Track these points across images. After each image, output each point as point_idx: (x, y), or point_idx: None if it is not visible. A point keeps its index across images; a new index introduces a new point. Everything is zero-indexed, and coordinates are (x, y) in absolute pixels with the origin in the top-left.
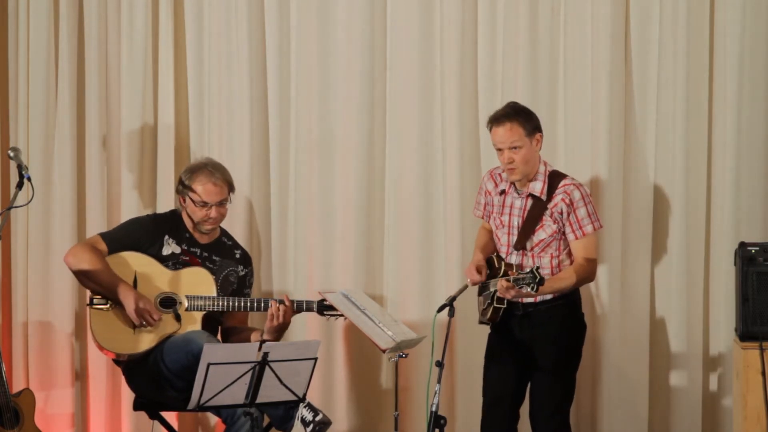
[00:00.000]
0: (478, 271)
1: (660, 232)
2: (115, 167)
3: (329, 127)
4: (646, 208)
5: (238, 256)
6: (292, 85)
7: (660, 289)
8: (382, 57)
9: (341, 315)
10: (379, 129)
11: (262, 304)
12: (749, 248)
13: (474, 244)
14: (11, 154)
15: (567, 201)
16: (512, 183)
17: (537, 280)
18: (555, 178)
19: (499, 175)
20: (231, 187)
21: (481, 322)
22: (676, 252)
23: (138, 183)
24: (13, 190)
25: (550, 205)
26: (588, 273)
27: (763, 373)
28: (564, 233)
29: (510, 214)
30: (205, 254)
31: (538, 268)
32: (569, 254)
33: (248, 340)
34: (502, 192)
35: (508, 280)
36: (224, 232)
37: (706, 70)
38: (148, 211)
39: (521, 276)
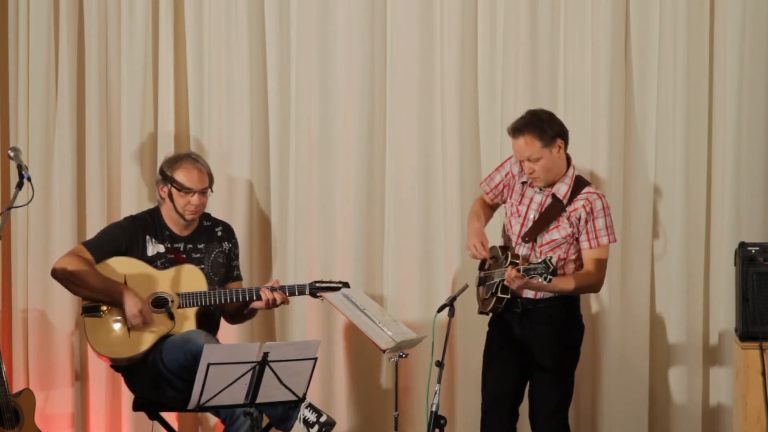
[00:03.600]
0: (481, 243)
1: (660, 231)
2: (115, 167)
3: (329, 128)
4: (646, 208)
5: (220, 233)
6: (292, 85)
7: (660, 289)
8: (382, 57)
9: (336, 289)
10: (379, 129)
11: (254, 294)
12: (749, 248)
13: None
14: (11, 154)
15: (588, 209)
16: None
17: (550, 271)
18: (580, 184)
19: None
20: (211, 179)
21: (480, 312)
22: (676, 252)
23: (138, 183)
24: (13, 190)
25: (569, 209)
26: (595, 282)
27: (763, 373)
28: (577, 239)
29: (528, 206)
30: (189, 246)
31: (551, 258)
32: (575, 260)
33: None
34: (524, 183)
35: (518, 270)
36: (203, 215)
37: (706, 70)
38: None
39: (533, 266)
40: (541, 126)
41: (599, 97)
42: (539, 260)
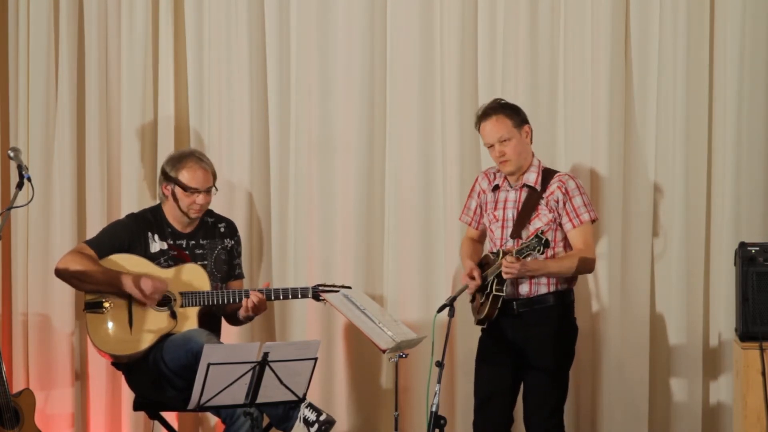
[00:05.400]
0: (472, 277)
1: (660, 231)
2: (115, 167)
3: (329, 127)
4: (646, 207)
5: (223, 230)
6: (292, 85)
7: (660, 288)
8: (382, 57)
9: (337, 290)
10: (379, 129)
11: (243, 297)
12: (749, 248)
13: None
14: (11, 154)
15: (563, 189)
16: (505, 178)
17: (543, 242)
18: (548, 171)
19: (494, 173)
20: (215, 176)
21: (478, 322)
22: (676, 252)
23: (138, 183)
24: (13, 190)
25: (545, 194)
26: (586, 261)
27: (763, 373)
28: (560, 224)
29: (504, 208)
30: (192, 243)
31: (542, 231)
32: (564, 246)
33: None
34: (496, 187)
35: (511, 254)
36: (206, 212)
37: (706, 70)
38: None
39: (525, 244)
40: (510, 109)
41: (599, 97)
42: (531, 238)
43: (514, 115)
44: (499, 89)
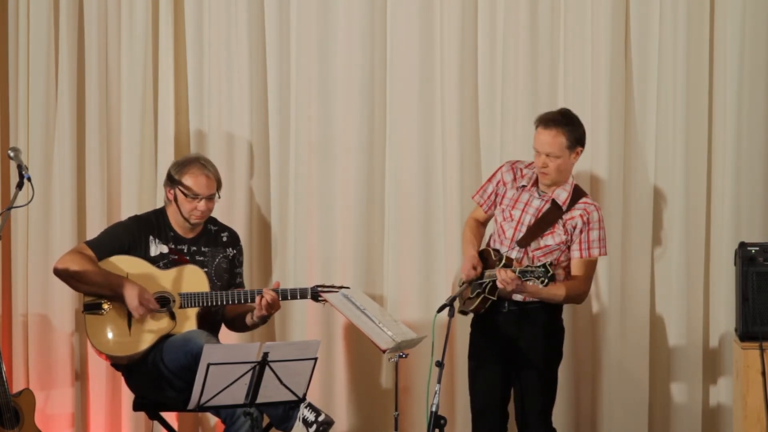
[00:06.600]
0: (474, 268)
1: (660, 232)
2: (115, 167)
3: (329, 127)
4: (646, 208)
5: (225, 239)
6: (292, 85)
7: (660, 289)
8: (382, 57)
9: (336, 291)
10: (379, 129)
11: (256, 296)
12: (749, 248)
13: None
14: (11, 154)
15: (585, 219)
16: (535, 182)
17: (549, 275)
18: (578, 193)
19: (521, 170)
20: (219, 184)
21: (461, 312)
22: (676, 252)
23: (138, 183)
24: (13, 190)
25: (566, 216)
26: (580, 293)
27: (763, 373)
28: (569, 247)
29: (523, 211)
30: (193, 248)
31: (551, 263)
32: (564, 269)
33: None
34: (522, 187)
35: (513, 271)
36: (209, 219)
37: (706, 70)
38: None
39: (531, 269)
40: (573, 127)
41: (599, 97)
42: (538, 264)
43: (572, 135)
44: (499, 89)
